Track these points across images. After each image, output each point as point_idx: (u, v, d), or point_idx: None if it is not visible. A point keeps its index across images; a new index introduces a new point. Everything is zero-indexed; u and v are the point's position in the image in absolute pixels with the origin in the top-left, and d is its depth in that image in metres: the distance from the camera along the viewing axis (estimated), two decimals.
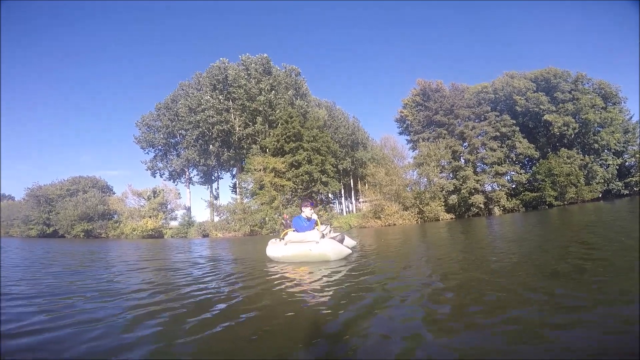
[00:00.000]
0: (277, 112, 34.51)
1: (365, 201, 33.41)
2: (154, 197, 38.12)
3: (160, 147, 42.39)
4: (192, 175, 43.95)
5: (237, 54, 65.62)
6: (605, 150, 35.52)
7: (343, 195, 46.85)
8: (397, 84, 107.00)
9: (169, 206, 39.03)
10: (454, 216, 29.02)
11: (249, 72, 35.72)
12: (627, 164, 37.02)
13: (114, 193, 44.06)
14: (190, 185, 43.65)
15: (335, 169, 33.38)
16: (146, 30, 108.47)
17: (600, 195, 34.00)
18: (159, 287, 4.13)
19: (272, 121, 35.10)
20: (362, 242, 8.76)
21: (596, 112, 35.10)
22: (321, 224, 7.00)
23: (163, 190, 39.32)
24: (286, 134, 30.93)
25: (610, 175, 35.36)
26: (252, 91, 34.63)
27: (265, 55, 36.70)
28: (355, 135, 44.06)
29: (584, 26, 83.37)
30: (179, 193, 40.57)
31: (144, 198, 38.48)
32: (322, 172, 30.54)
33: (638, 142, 36.91)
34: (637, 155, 35.69)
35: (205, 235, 31.56)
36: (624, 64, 72.16)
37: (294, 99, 36.46)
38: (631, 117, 38.30)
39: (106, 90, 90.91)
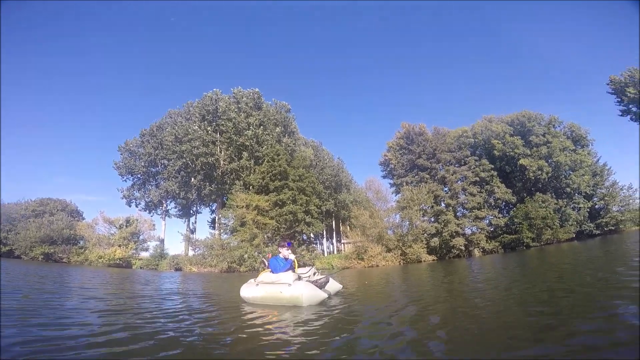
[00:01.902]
0: (263, 148, 35.50)
1: (349, 242, 34.32)
2: (127, 226, 37.60)
3: (139, 176, 42.26)
4: (169, 207, 43.76)
5: (228, 86, 68.09)
6: (577, 194, 38.44)
7: (325, 236, 47.62)
8: (382, 127, 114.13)
9: (141, 237, 38.43)
10: (435, 257, 30.16)
11: (239, 105, 36.94)
12: (596, 206, 40.03)
13: (83, 218, 43.09)
14: (167, 217, 43.34)
15: (318, 209, 34.29)
16: (139, 54, 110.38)
17: (574, 236, 36.29)
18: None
19: (257, 157, 35.97)
20: (345, 284, 8.74)
21: (567, 154, 38.20)
22: (306, 265, 7.43)
23: (137, 220, 38.78)
24: (272, 171, 31.76)
25: (582, 217, 38.03)
26: (240, 125, 35.68)
27: (256, 90, 38.25)
28: (339, 177, 45.59)
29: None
30: (154, 224, 40.07)
31: (115, 226, 37.86)
32: (306, 213, 31.29)
33: (606, 184, 40.15)
34: (606, 198, 38.80)
35: (178, 269, 31.22)
36: (594, 106, 79.46)
37: (282, 136, 37.70)
38: (598, 160, 41.78)
39: (91, 112, 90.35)
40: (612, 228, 37.14)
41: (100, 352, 2.79)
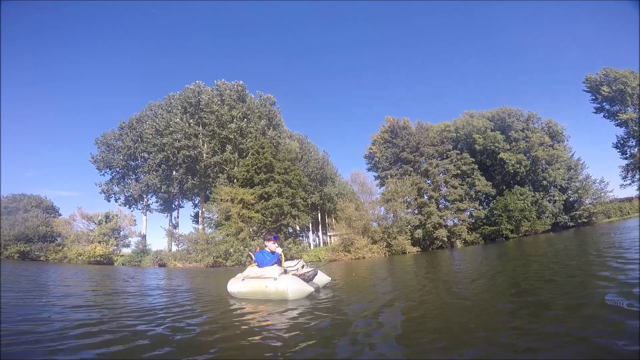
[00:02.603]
0: (247, 141, 35.28)
1: (335, 235, 34.78)
2: (106, 222, 36.73)
3: (118, 170, 41.12)
4: (150, 202, 42.89)
5: (211, 78, 66.74)
6: (552, 187, 40.27)
7: (311, 228, 48.01)
8: (367, 120, 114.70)
9: (122, 232, 37.70)
10: (419, 249, 31.06)
11: (222, 98, 36.45)
12: (571, 199, 42.08)
13: (60, 215, 41.70)
14: (148, 212, 42.47)
15: (305, 202, 34.53)
16: (118, 44, 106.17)
17: (550, 227, 38.03)
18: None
19: (242, 150, 35.71)
20: (333, 276, 8.76)
21: (544, 149, 39.91)
22: (294, 258, 7.18)
23: (117, 215, 37.97)
24: (257, 164, 31.68)
25: (558, 210, 39.90)
26: (224, 118, 35.25)
27: (240, 82, 37.84)
28: (324, 170, 45.95)
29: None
30: (135, 220, 39.25)
31: (94, 222, 36.95)
32: (292, 206, 31.46)
33: (580, 177, 42.24)
34: (580, 191, 40.86)
35: (162, 265, 30.84)
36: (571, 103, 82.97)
37: (267, 129, 37.54)
38: (573, 155, 43.83)
39: (66, 102, 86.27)
40: (585, 220, 39.17)
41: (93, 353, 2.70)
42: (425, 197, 34.36)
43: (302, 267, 6.97)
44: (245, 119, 35.91)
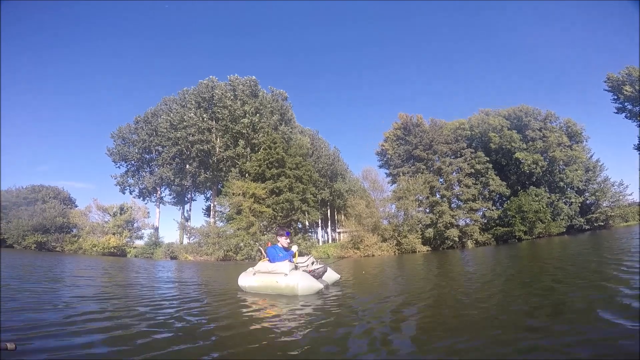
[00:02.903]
0: (260, 136, 35.62)
1: (345, 232, 34.88)
2: (121, 214, 37.62)
3: (133, 162, 42.11)
4: (163, 194, 43.78)
5: (225, 73, 67.17)
6: (569, 189, 39.40)
7: (320, 224, 48.19)
8: (378, 117, 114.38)
9: (135, 224, 38.59)
10: (430, 248, 30.91)
11: (235, 93, 36.83)
12: (587, 201, 41.10)
13: (76, 206, 42.98)
14: (161, 205, 43.41)
15: (315, 198, 34.70)
16: (134, 42, 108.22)
17: (564, 230, 37.30)
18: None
19: (254, 145, 36.09)
20: (342, 273, 8.77)
21: (562, 150, 39.00)
22: (304, 254, 7.21)
23: (131, 207, 38.85)
24: (269, 159, 31.93)
25: (574, 212, 39.04)
26: (236, 113, 35.66)
27: (253, 77, 38.15)
28: (335, 166, 45.96)
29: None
30: (148, 212, 40.16)
31: (109, 214, 37.88)
32: (302, 201, 31.67)
33: (598, 180, 41.19)
34: (598, 194, 39.86)
35: (174, 257, 31.51)
36: (591, 103, 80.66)
37: (279, 124, 37.80)
38: (592, 156, 42.72)
39: (80, 97, 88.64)
40: (602, 224, 38.20)
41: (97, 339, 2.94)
42: (438, 195, 34.08)
43: (312, 263, 7.03)
44: (257, 114, 36.23)
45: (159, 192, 42.80)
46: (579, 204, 39.27)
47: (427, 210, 33.03)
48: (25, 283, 7.31)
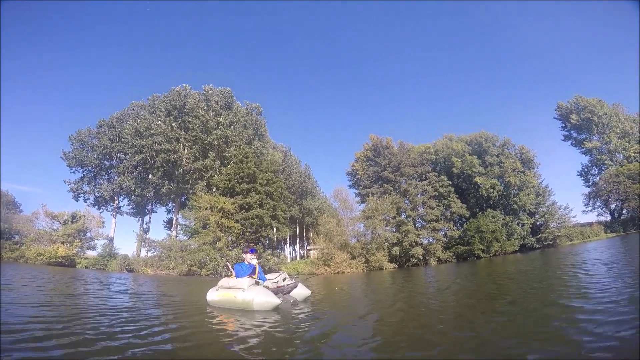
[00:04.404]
0: (232, 149, 35.73)
1: (315, 249, 35.63)
2: (72, 222, 35.65)
3: (90, 169, 40.15)
4: (121, 204, 42.02)
5: (195, 83, 66.33)
6: (521, 211, 43.34)
7: (288, 241, 48.57)
8: (349, 138, 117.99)
9: (88, 234, 36.63)
10: (396, 265, 32.48)
11: (209, 103, 36.82)
12: (537, 222, 45.34)
13: (21, 211, 40.00)
14: (118, 215, 41.55)
15: (284, 215, 35.29)
16: (104, 42, 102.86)
17: (517, 249, 40.65)
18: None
19: (224, 158, 36.10)
20: (313, 289, 9.14)
21: (516, 175, 42.92)
22: (276, 271, 7.85)
23: (84, 216, 36.88)
24: (239, 174, 32.12)
25: (525, 232, 42.85)
26: (208, 123, 35.63)
27: (228, 89, 38.35)
28: (306, 184, 46.95)
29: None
30: (103, 222, 38.25)
31: (58, 221, 35.71)
32: (272, 218, 32.10)
33: (547, 203, 45.66)
34: (546, 216, 44.19)
35: (130, 270, 30.40)
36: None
37: (252, 139, 38.20)
38: (542, 182, 47.32)
39: (38, 94, 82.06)
40: (550, 242, 42.24)
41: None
42: (403, 215, 36.07)
43: (284, 280, 7.49)
44: (231, 127, 36.45)
45: (116, 202, 40.97)
46: (530, 225, 43.16)
47: (394, 230, 34.78)
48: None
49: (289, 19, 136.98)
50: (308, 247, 46.85)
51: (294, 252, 52.65)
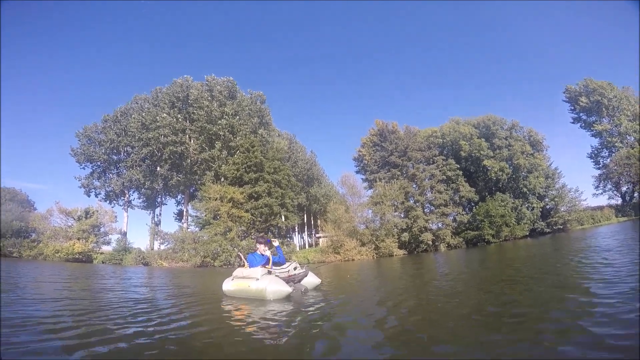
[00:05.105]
0: (238, 138, 35.78)
1: (325, 236, 35.91)
2: (86, 217, 36.34)
3: (99, 164, 40.61)
4: (132, 197, 42.60)
5: (199, 74, 65.83)
6: (531, 195, 42.97)
7: (297, 229, 48.94)
8: (354, 123, 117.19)
9: (102, 229, 37.39)
10: (406, 252, 32.71)
11: (212, 93, 36.75)
12: (547, 206, 44.99)
13: (35, 209, 40.85)
14: (129, 209, 42.17)
15: (292, 203, 35.49)
16: (105, 37, 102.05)
17: (528, 233, 40.54)
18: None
19: (231, 147, 36.20)
20: (324, 277, 9.25)
21: (525, 158, 42.46)
22: (289, 260, 7.99)
23: (97, 211, 37.57)
24: (247, 163, 32.28)
25: (535, 217, 42.61)
26: (213, 114, 35.63)
27: (231, 78, 38.23)
28: (312, 171, 46.99)
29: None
30: (115, 216, 38.97)
31: (73, 218, 36.50)
32: (281, 206, 32.33)
33: (556, 186, 45.22)
34: (556, 199, 43.80)
35: (145, 264, 31.07)
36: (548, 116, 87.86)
37: (257, 128, 38.16)
38: (551, 164, 46.78)
39: (42, 92, 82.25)
40: (560, 227, 42.01)
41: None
42: (412, 201, 36.07)
43: (295, 268, 7.68)
44: (236, 116, 36.40)
45: (127, 196, 41.55)
46: (540, 209, 42.91)
47: (402, 215, 34.86)
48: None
49: (291, 5, 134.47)
50: (317, 235, 47.19)
51: (302, 240, 53.12)
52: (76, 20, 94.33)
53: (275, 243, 7.74)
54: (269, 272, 6.77)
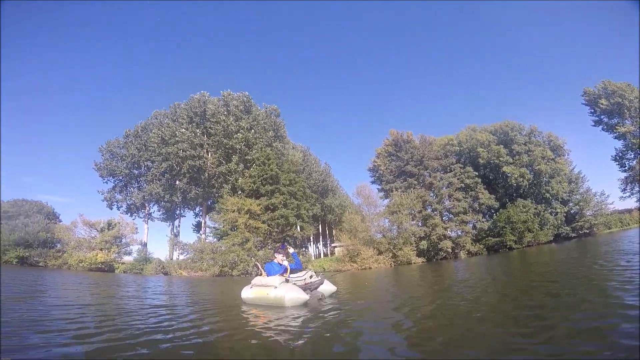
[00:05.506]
0: (254, 152, 36.45)
1: (341, 246, 35.78)
2: (108, 229, 37.49)
3: (121, 178, 42.07)
4: (152, 210, 43.77)
5: (214, 88, 68.19)
6: (554, 200, 41.67)
7: (312, 240, 48.97)
8: (368, 134, 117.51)
9: (123, 240, 38.44)
10: (424, 259, 32.19)
11: (229, 108, 37.78)
12: (572, 211, 43.47)
13: (60, 221, 42.47)
14: (150, 220, 43.30)
15: (308, 213, 35.64)
16: (125, 55, 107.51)
17: (552, 238, 39.19)
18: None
19: (247, 161, 36.89)
20: (341, 285, 9.41)
21: (547, 163, 41.41)
22: (304, 269, 8.14)
23: (119, 223, 38.72)
24: (263, 175, 32.85)
25: (559, 222, 41.22)
26: (230, 128, 36.52)
27: (246, 93, 39.30)
28: (326, 182, 47.26)
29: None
30: (136, 228, 40.01)
31: (96, 229, 37.72)
32: (297, 217, 32.55)
33: (580, 190, 43.71)
34: (581, 204, 42.29)
35: (165, 273, 31.66)
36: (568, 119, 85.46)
37: (272, 141, 38.80)
38: (573, 168, 45.39)
39: (68, 110, 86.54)
40: (587, 231, 40.46)
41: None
42: (429, 209, 35.60)
43: (310, 277, 7.87)
44: (252, 130, 37.17)
45: (147, 208, 42.72)
46: (564, 214, 41.52)
47: (420, 224, 34.41)
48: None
49: (303, 17, 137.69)
50: (333, 245, 47.06)
51: (317, 250, 53.01)
52: (100, 36, 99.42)
53: (291, 250, 8.03)
54: (287, 281, 6.98)
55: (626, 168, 45.48)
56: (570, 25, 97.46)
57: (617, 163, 46.85)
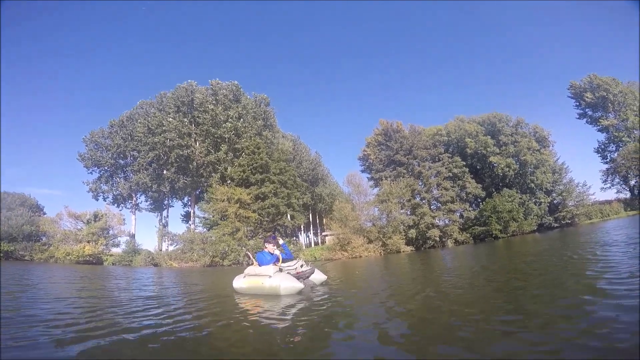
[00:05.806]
0: (243, 141, 36.10)
1: (331, 234, 36.13)
2: (95, 221, 36.85)
3: (106, 168, 41.18)
4: (139, 200, 43.10)
5: (203, 78, 66.58)
6: (538, 190, 42.72)
7: (302, 229, 49.18)
8: (358, 123, 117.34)
9: (111, 232, 37.87)
10: (413, 248, 32.85)
11: (217, 97, 37.16)
12: (555, 201, 44.70)
13: (44, 214, 41.51)
14: (137, 211, 42.67)
15: (298, 202, 35.71)
16: (109, 43, 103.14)
17: (535, 228, 40.29)
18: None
19: (237, 150, 36.53)
20: (331, 274, 9.51)
21: (532, 154, 42.31)
22: (295, 258, 8.20)
23: (106, 214, 38.07)
24: (253, 165, 32.66)
25: (543, 212, 42.36)
26: (218, 117, 36.00)
27: (235, 82, 38.68)
28: (316, 171, 47.28)
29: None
30: (124, 219, 39.40)
31: (82, 221, 37.03)
32: (288, 206, 32.60)
33: (564, 181, 44.92)
34: (564, 194, 43.48)
35: (155, 264, 31.47)
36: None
37: (262, 130, 38.45)
38: (557, 159, 46.51)
39: (51, 99, 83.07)
40: (569, 222, 41.71)
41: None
42: (418, 198, 36.14)
43: (301, 266, 7.90)
44: (241, 119, 36.73)
45: (134, 199, 42.06)
46: (548, 204, 42.67)
47: (409, 212, 34.95)
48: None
49: (293, 8, 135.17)
50: (323, 234, 47.44)
51: (308, 239, 53.36)
52: (80, 23, 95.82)
53: (280, 241, 8.07)
54: (280, 270, 7.03)
55: (608, 160, 46.96)
56: (562, 23, 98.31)
57: (599, 155, 48.38)
